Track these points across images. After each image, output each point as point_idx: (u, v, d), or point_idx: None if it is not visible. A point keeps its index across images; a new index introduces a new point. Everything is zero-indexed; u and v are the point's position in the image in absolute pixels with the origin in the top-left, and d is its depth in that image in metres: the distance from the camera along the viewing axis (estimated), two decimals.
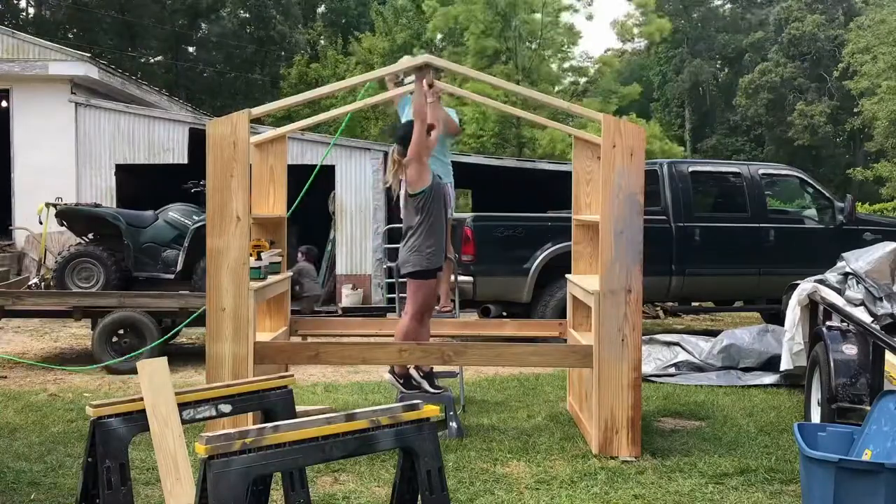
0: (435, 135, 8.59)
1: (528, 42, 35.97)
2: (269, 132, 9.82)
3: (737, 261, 14.66)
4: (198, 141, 18.29)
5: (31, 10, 53.77)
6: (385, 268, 19.20)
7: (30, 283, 14.55)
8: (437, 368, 8.81)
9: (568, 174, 9.97)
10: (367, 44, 42.56)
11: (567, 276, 9.68)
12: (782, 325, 10.59)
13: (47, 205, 15.20)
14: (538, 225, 14.46)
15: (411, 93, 8.76)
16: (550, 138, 32.00)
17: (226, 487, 3.69)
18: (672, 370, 11.81)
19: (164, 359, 5.02)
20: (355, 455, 4.25)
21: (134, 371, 10.51)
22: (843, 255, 9.88)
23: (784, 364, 10.19)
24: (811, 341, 9.32)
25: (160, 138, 20.25)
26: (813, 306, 9.57)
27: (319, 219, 20.51)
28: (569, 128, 11.31)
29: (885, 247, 9.58)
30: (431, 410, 4.33)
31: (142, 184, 20.74)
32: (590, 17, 53.96)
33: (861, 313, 8.59)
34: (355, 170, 19.64)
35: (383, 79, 9.45)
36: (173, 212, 15.92)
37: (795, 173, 16.07)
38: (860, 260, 9.41)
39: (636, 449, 7.79)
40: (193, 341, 14.92)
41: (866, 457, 6.03)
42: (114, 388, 11.16)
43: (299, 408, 6.00)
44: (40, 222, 15.58)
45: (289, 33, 52.05)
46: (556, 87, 39.11)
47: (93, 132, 20.29)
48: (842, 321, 8.46)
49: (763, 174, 15.31)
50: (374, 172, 19.58)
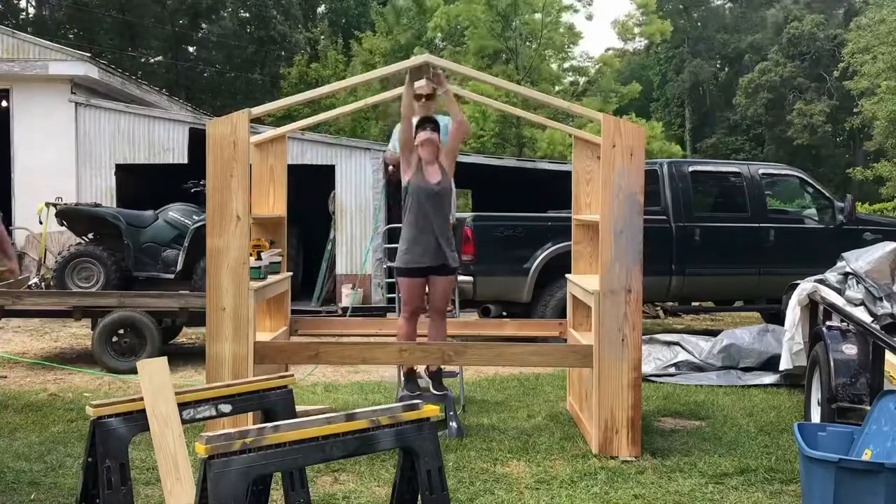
0: (457, 130, 8.67)
1: (528, 42, 36.00)
2: (269, 132, 9.81)
3: (737, 261, 14.65)
4: (198, 141, 18.29)
5: (32, 10, 53.80)
6: (385, 268, 19.20)
7: (30, 282, 14.55)
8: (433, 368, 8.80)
9: (568, 174, 9.96)
10: (368, 44, 42.55)
11: (567, 275, 9.67)
12: (782, 324, 10.58)
13: (47, 204, 15.22)
14: (538, 225, 14.46)
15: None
16: (550, 140, 32.01)
17: (226, 487, 3.69)
18: (672, 370, 11.81)
19: (164, 359, 5.02)
20: (355, 455, 4.25)
21: (134, 371, 10.51)
22: (843, 254, 9.88)
23: (784, 364, 10.19)
24: (811, 341, 9.31)
25: (160, 138, 20.24)
26: (813, 306, 9.57)
27: (319, 219, 20.50)
28: (569, 128, 11.31)
29: (885, 247, 9.58)
30: (431, 410, 4.33)
31: (142, 184, 20.73)
32: (590, 16, 54.08)
33: (861, 313, 8.59)
34: (355, 170, 19.63)
35: (384, 78, 9.42)
36: (173, 212, 15.94)
37: (795, 173, 16.06)
38: (860, 260, 9.41)
39: (636, 449, 7.79)
40: (193, 341, 14.92)
41: (866, 457, 6.03)
42: (114, 387, 11.15)
43: (299, 408, 6.00)
44: (40, 222, 15.61)
45: (289, 33, 52.03)
46: (557, 87, 39.13)
47: (93, 132, 20.27)
48: (842, 321, 8.46)
49: (763, 174, 15.29)
50: (374, 172, 19.56)
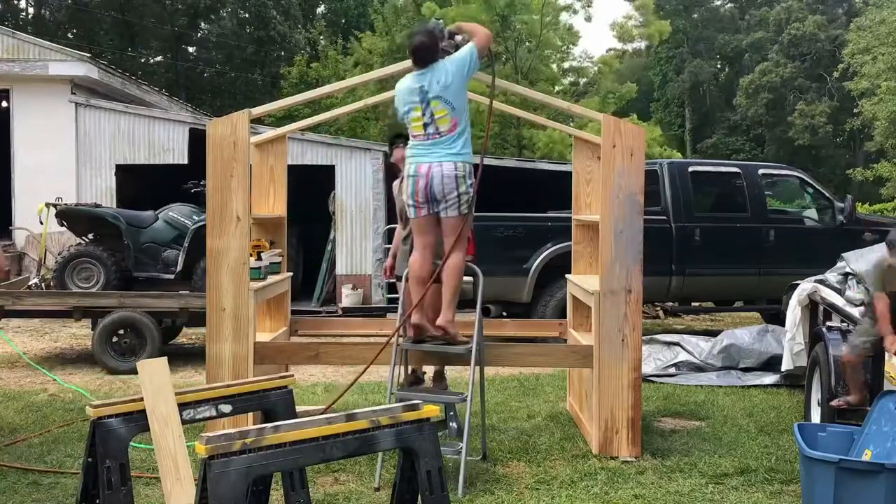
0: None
1: (527, 43, 35.96)
2: (270, 132, 9.82)
3: (737, 261, 14.64)
4: (198, 141, 18.29)
5: (31, 10, 53.77)
6: (385, 266, 19.19)
7: (30, 283, 14.55)
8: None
9: (568, 174, 9.96)
10: (366, 44, 42.49)
11: (567, 276, 9.67)
12: (782, 325, 10.60)
13: (47, 205, 15.20)
14: (538, 225, 14.46)
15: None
16: (549, 140, 31.95)
17: (226, 487, 3.68)
18: (672, 370, 11.81)
19: (164, 359, 5.02)
20: (355, 455, 4.25)
21: (134, 371, 10.51)
22: (844, 255, 9.89)
23: (784, 364, 10.20)
24: (811, 341, 9.32)
25: (160, 138, 20.23)
26: (813, 306, 9.57)
27: (319, 219, 20.50)
28: (569, 128, 11.31)
29: None
30: (431, 410, 4.34)
31: (142, 184, 20.72)
32: (588, 18, 53.84)
33: (861, 314, 8.59)
34: (355, 170, 19.62)
35: (381, 79, 9.40)
36: (173, 212, 15.93)
37: (795, 173, 16.06)
38: (860, 260, 9.41)
39: (636, 449, 7.79)
40: (193, 341, 14.92)
41: (866, 457, 6.04)
42: (114, 388, 11.15)
43: (299, 408, 6.01)
44: (40, 222, 15.59)
45: (289, 33, 51.98)
46: (556, 87, 39.08)
47: (93, 132, 20.27)
48: (842, 321, 8.47)
49: (763, 174, 15.28)
50: (374, 172, 19.56)
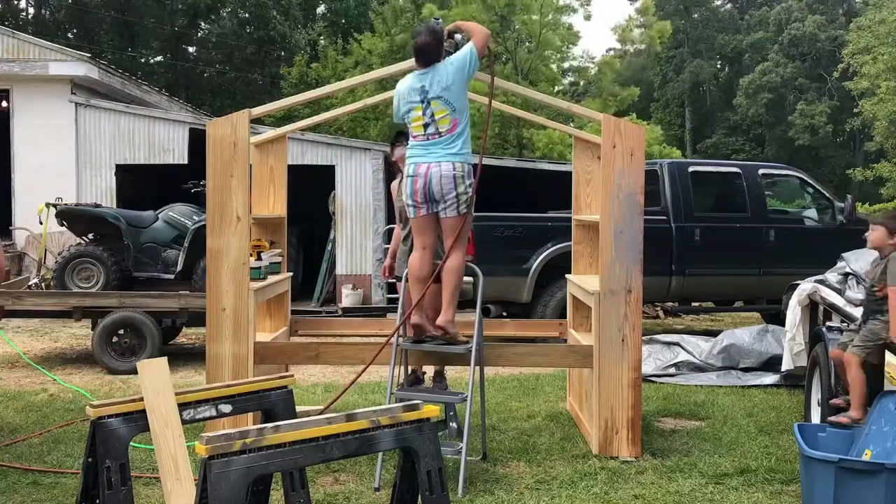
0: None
1: (527, 43, 35.96)
2: (270, 132, 9.82)
3: (737, 261, 14.63)
4: (198, 141, 18.30)
5: (31, 10, 53.75)
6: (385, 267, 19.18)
7: (30, 283, 14.56)
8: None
9: (568, 174, 9.96)
10: (366, 44, 42.47)
11: (567, 276, 9.67)
12: (782, 325, 10.60)
13: (47, 205, 15.20)
14: (538, 225, 14.46)
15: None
16: (549, 140, 31.94)
17: (226, 487, 3.69)
18: (672, 370, 11.81)
19: (164, 359, 5.03)
20: (355, 455, 4.25)
21: (134, 371, 10.51)
22: (844, 255, 9.88)
23: (784, 364, 10.20)
24: (811, 341, 9.32)
25: (160, 138, 20.23)
26: (813, 306, 9.57)
27: (319, 219, 20.50)
28: (569, 128, 11.30)
29: None
30: (431, 410, 4.34)
31: (142, 184, 20.73)
32: (588, 17, 53.81)
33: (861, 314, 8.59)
34: (355, 170, 19.62)
35: (381, 79, 9.40)
36: (173, 212, 15.92)
37: (795, 173, 16.05)
38: (860, 260, 9.40)
39: (636, 449, 7.79)
40: (193, 341, 14.92)
41: (866, 457, 6.04)
42: (114, 388, 11.15)
43: (299, 408, 6.01)
44: (40, 222, 15.58)
45: (289, 33, 51.94)
46: (556, 88, 39.08)
47: (93, 132, 20.27)
48: (842, 321, 8.47)
49: (763, 174, 15.28)
50: (374, 173, 19.55)
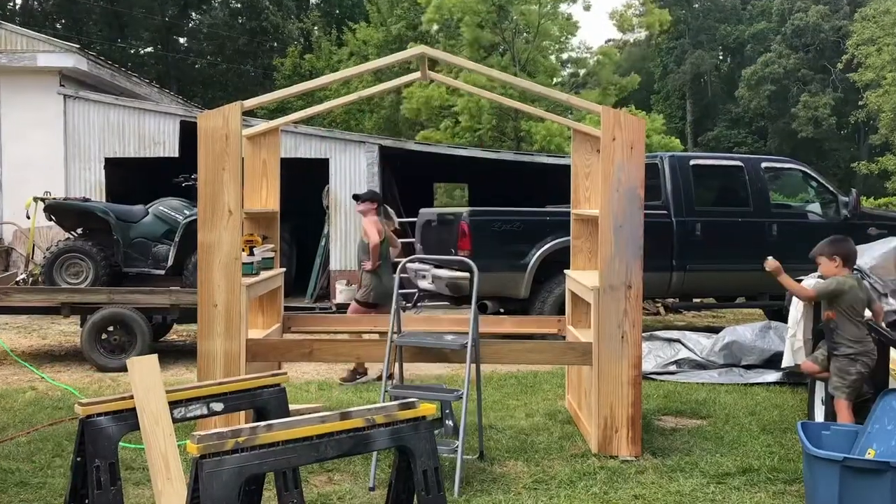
0: None
1: (525, 33, 35.94)
2: (262, 125, 9.80)
3: (739, 256, 14.61)
4: (189, 134, 18.28)
5: (19, 1, 53.68)
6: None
7: (17, 278, 14.55)
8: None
9: (567, 168, 9.95)
10: (361, 35, 42.43)
11: (566, 271, 9.67)
12: (785, 321, 10.58)
13: (35, 199, 15.21)
14: (536, 219, 14.43)
15: None
16: (547, 132, 31.95)
17: (218, 487, 3.69)
18: (673, 367, 11.81)
19: (154, 356, 5.02)
20: (350, 455, 4.25)
21: (124, 369, 10.50)
22: None
23: (785, 361, 10.17)
24: (815, 338, 9.31)
25: (150, 131, 20.22)
26: (816, 302, 9.56)
27: (313, 214, 20.49)
28: (567, 120, 11.28)
29: (891, 242, 9.56)
30: (427, 409, 4.33)
31: (132, 178, 20.72)
32: (587, 7, 53.79)
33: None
34: (350, 163, 19.61)
35: (376, 71, 9.40)
36: (164, 206, 15.93)
37: (799, 167, 16.06)
38: (865, 255, 9.38)
39: (636, 448, 7.79)
40: (184, 338, 14.90)
41: (870, 456, 6.04)
42: (103, 386, 11.14)
43: (292, 406, 6.01)
44: (28, 217, 15.61)
45: (282, 24, 51.90)
46: (554, 79, 39.07)
47: (82, 125, 20.25)
48: None
49: (766, 167, 15.28)
50: (368, 166, 19.56)
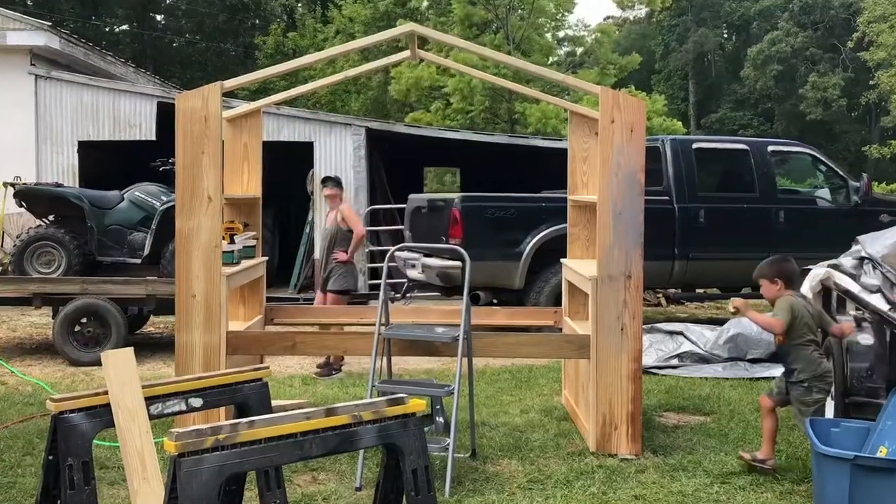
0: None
1: (519, 10, 35.88)
2: (243, 106, 9.79)
3: (744, 244, 14.60)
4: (167, 116, 18.24)
5: None
6: (367, 251, 19.16)
7: None
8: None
9: (563, 151, 9.94)
10: (347, 11, 42.35)
11: (562, 260, 9.67)
12: None
13: (5, 184, 15.16)
14: (531, 206, 14.41)
15: None
16: (543, 114, 31.92)
17: (197, 487, 3.68)
18: (675, 361, 11.82)
19: (130, 349, 5.00)
20: (335, 453, 4.24)
21: (98, 363, 10.48)
22: (859, 238, 9.85)
23: None
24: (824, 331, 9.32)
25: (126, 113, 20.15)
26: (826, 293, 9.56)
27: (297, 200, 20.47)
28: (564, 102, 11.30)
29: None
30: (417, 405, 4.32)
31: (107, 162, 20.66)
32: None
33: (878, 301, 8.56)
34: (335, 147, 19.57)
35: (363, 49, 9.40)
36: (140, 192, 15.89)
37: (807, 150, 16.06)
38: (877, 243, 9.37)
39: (636, 446, 7.80)
40: (162, 330, 14.89)
41: (882, 454, 6.04)
42: (76, 380, 11.13)
43: (275, 402, 5.99)
44: None
45: (263, 0, 51.79)
46: (550, 59, 39.04)
47: (54, 107, 20.17)
48: (857, 309, 8.46)
49: (772, 151, 15.27)
50: (355, 149, 19.52)
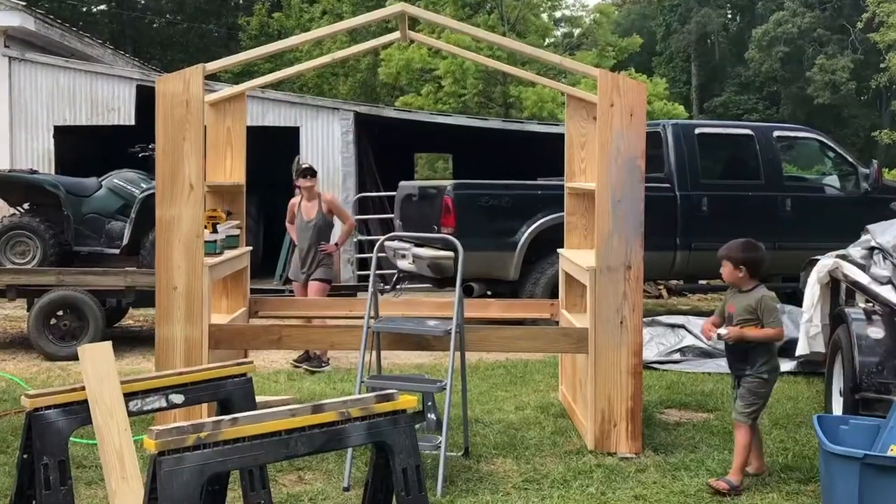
0: None
1: None
2: (226, 90, 9.80)
3: (749, 233, 14.43)
4: (146, 100, 18.20)
5: None
6: (356, 241, 19.15)
7: None
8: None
9: (560, 137, 9.94)
10: None
11: (559, 250, 9.68)
12: (800, 305, 10.60)
13: None
14: (527, 193, 14.40)
15: None
16: (539, 98, 31.89)
17: (178, 487, 3.68)
18: (677, 356, 11.83)
19: (108, 343, 4.99)
20: (323, 451, 4.24)
21: (75, 357, 10.47)
22: (868, 227, 9.86)
23: (800, 349, 10.18)
24: (832, 323, 9.32)
25: (104, 97, 20.10)
26: (834, 284, 9.57)
27: (282, 187, 20.43)
28: (561, 85, 11.27)
29: None
30: (407, 401, 4.32)
31: (84, 148, 20.63)
32: None
33: (888, 292, 8.56)
34: (322, 132, 19.54)
35: (352, 30, 9.40)
36: (119, 179, 15.87)
37: (814, 136, 16.07)
38: (887, 233, 9.38)
39: (636, 444, 7.81)
40: (141, 324, 14.87)
41: (892, 453, 6.04)
42: (52, 376, 11.11)
43: (259, 398, 5.99)
44: None
45: None
46: (547, 40, 39.02)
47: (29, 90, 20.10)
48: (867, 301, 8.47)
49: (778, 137, 15.28)
50: (343, 135, 19.48)
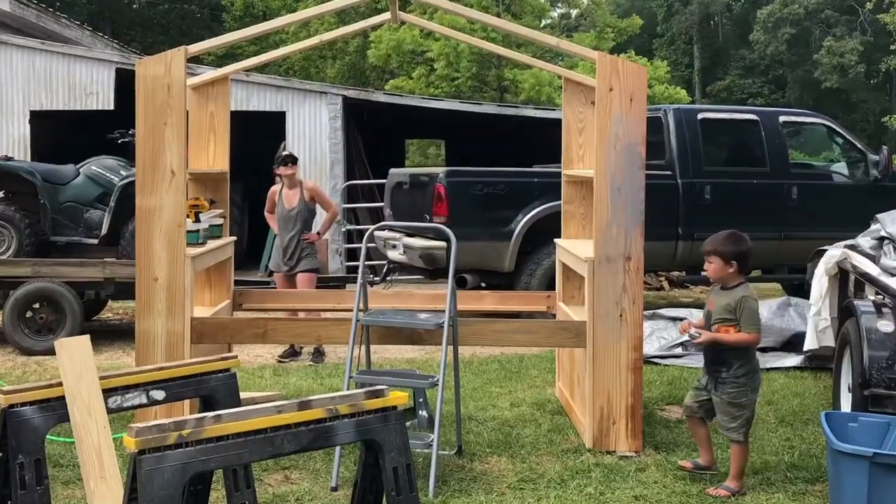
0: None
1: None
2: (209, 73, 9.77)
3: (754, 223, 14.56)
4: (126, 83, 18.17)
5: None
6: (344, 231, 19.15)
7: None
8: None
9: (557, 122, 9.94)
10: None
11: (556, 240, 9.68)
12: (807, 297, 10.61)
13: None
14: (522, 181, 14.39)
15: None
16: (535, 81, 31.90)
17: (159, 487, 3.67)
18: (678, 350, 11.84)
19: (86, 337, 4.99)
20: (310, 450, 4.23)
21: (51, 351, 10.46)
22: (878, 216, 9.87)
23: (807, 343, 10.20)
24: (841, 317, 9.33)
25: (82, 80, 20.07)
26: (843, 276, 9.58)
27: (267, 174, 20.43)
28: (558, 68, 11.30)
29: None
30: (398, 397, 4.32)
31: (61, 133, 20.61)
32: None
33: None
34: (309, 117, 19.52)
35: (340, 11, 9.39)
36: (97, 166, 15.85)
37: (822, 121, 16.08)
38: None
39: (636, 442, 7.82)
40: (121, 317, 14.86)
41: None
42: (28, 371, 11.11)
43: (244, 394, 5.99)
44: None
45: None
46: (543, 21, 39.00)
47: (4, 74, 20.07)
48: (876, 293, 8.47)
49: (784, 122, 15.28)
50: (330, 120, 19.47)
